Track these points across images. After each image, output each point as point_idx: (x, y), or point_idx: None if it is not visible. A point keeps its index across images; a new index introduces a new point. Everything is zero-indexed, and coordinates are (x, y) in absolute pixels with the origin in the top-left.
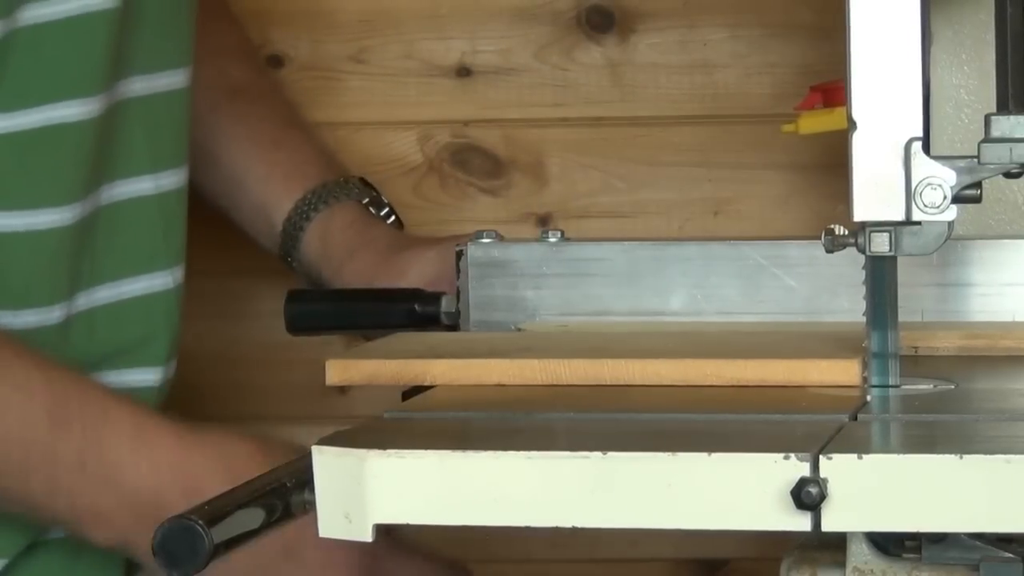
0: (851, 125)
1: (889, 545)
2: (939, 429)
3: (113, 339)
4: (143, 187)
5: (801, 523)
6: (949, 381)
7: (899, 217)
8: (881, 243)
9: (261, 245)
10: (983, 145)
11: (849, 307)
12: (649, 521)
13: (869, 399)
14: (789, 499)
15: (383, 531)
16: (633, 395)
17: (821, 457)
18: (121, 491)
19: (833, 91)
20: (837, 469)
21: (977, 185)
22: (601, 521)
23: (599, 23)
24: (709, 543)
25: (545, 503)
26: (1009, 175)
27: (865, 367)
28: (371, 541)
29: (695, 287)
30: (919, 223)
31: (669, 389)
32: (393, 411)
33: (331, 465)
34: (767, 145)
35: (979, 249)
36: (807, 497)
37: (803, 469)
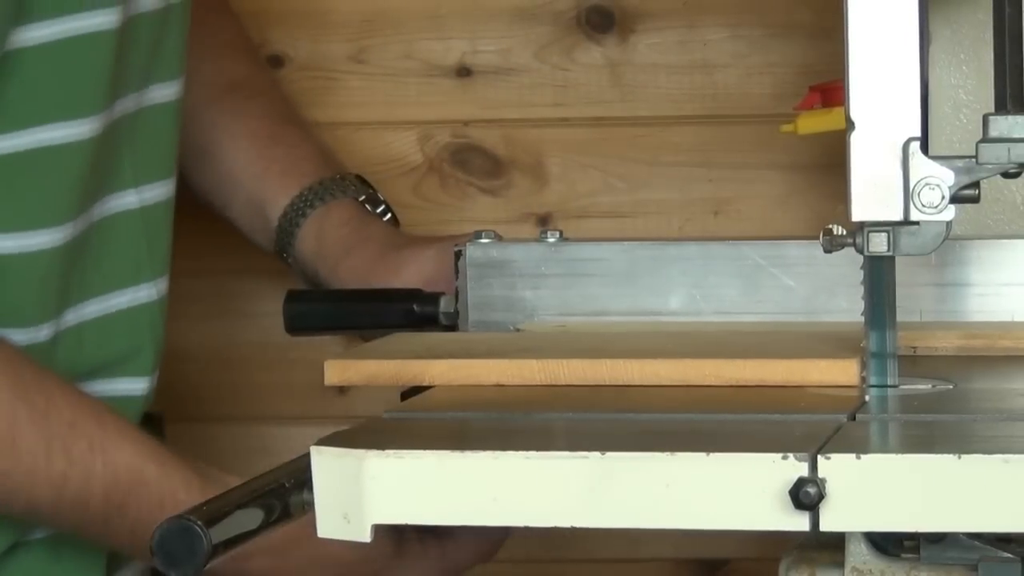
0: (849, 125)
1: (888, 545)
2: (937, 429)
3: (100, 353)
4: (127, 201)
5: (800, 523)
6: (947, 381)
7: (897, 217)
8: (879, 243)
9: (255, 241)
10: (981, 145)
11: (848, 307)
12: (648, 521)
13: (867, 399)
14: (788, 499)
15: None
16: (632, 395)
17: (819, 457)
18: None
19: (832, 91)
20: (835, 469)
21: (975, 185)
22: (600, 521)
23: (599, 23)
24: (709, 543)
25: (544, 503)
26: (1007, 175)
27: (864, 367)
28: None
29: (694, 287)
30: (917, 223)
31: (668, 389)
32: (392, 411)
33: (330, 465)
34: (767, 145)
35: (977, 249)
36: (805, 497)
37: (801, 469)
